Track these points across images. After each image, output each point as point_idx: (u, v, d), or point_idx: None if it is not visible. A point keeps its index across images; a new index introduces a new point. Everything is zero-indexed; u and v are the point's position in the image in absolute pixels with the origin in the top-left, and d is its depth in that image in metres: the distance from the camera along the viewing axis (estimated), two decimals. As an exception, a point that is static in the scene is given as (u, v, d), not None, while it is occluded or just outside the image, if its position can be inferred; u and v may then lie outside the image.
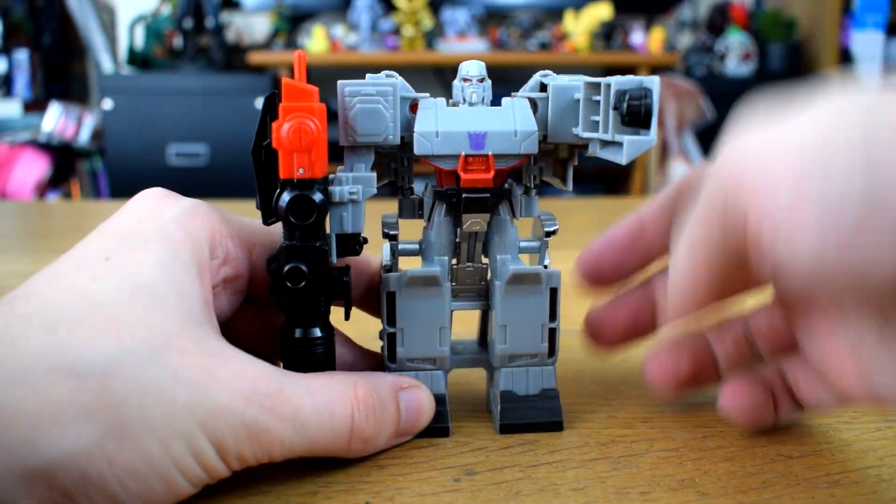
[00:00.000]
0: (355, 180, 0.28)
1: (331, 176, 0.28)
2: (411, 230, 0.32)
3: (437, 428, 0.30)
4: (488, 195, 0.29)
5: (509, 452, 0.29)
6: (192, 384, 0.23)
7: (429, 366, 0.31)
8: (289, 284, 0.27)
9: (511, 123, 0.28)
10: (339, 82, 0.28)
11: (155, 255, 0.25)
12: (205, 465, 0.24)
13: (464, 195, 0.29)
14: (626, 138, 0.26)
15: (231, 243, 0.28)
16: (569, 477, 0.27)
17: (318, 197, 0.27)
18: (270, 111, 0.27)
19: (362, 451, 0.28)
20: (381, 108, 0.28)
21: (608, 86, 0.27)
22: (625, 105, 0.26)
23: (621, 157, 0.26)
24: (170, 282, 0.25)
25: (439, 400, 0.31)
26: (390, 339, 0.31)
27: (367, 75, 0.29)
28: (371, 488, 0.27)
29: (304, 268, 0.27)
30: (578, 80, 0.29)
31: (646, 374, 0.31)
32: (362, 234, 0.29)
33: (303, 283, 0.27)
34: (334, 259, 0.29)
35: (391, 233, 0.30)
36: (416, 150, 0.28)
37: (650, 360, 0.31)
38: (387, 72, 0.29)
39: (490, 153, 0.28)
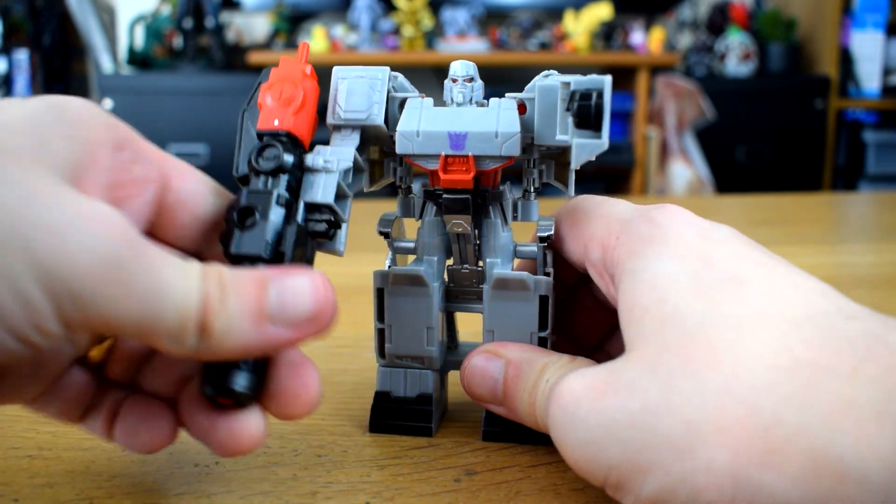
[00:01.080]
0: (332, 153, 0.28)
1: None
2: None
3: (420, 427, 0.30)
4: (468, 196, 0.28)
5: (509, 452, 0.29)
6: (41, 215, 0.19)
7: (418, 365, 0.31)
8: (237, 223, 0.24)
9: (493, 124, 0.28)
10: (335, 68, 0.29)
11: (37, 112, 0.21)
12: (36, 322, 0.19)
13: (444, 196, 0.28)
14: (575, 141, 0.25)
15: (145, 147, 0.25)
16: (569, 477, 0.27)
17: (288, 156, 0.26)
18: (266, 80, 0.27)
19: (220, 334, 0.21)
20: (367, 88, 0.28)
21: (567, 85, 0.26)
22: (575, 105, 0.25)
23: (571, 161, 0.26)
24: (42, 137, 0.21)
25: (425, 400, 0.31)
26: (380, 336, 0.31)
27: (362, 68, 0.29)
28: (371, 488, 0.26)
29: (257, 209, 0.24)
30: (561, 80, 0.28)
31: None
32: (343, 219, 0.27)
33: (253, 225, 0.24)
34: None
35: (383, 230, 0.30)
36: (398, 150, 0.28)
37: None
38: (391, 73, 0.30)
39: (470, 154, 0.28)
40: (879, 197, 1.09)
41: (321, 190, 0.26)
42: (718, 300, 0.22)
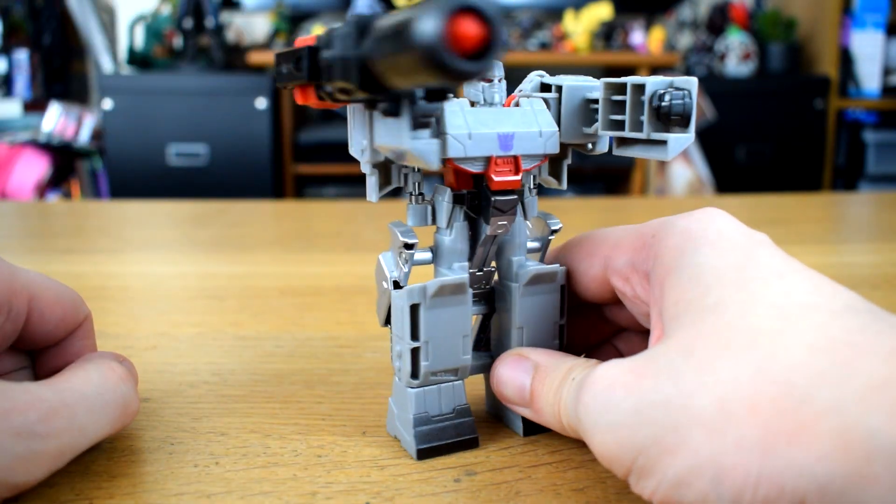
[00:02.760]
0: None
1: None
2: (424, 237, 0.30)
3: (466, 440, 0.30)
4: (516, 197, 0.29)
5: (509, 452, 0.29)
6: None
7: (451, 377, 0.30)
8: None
9: (535, 124, 0.28)
10: None
11: None
12: None
13: (494, 198, 0.28)
14: (671, 136, 0.26)
15: (16, 299, 0.28)
16: (569, 477, 0.27)
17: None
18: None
19: (135, 414, 0.30)
20: None
21: (640, 86, 0.27)
22: (666, 105, 0.26)
23: (664, 154, 0.27)
24: None
25: (463, 412, 0.30)
26: (414, 355, 0.29)
27: None
28: (371, 489, 0.26)
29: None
30: (587, 81, 0.30)
31: None
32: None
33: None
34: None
35: (410, 242, 0.29)
36: (450, 153, 0.27)
37: None
38: None
39: (518, 154, 0.28)
40: (879, 197, 1.08)
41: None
42: (762, 292, 0.23)
